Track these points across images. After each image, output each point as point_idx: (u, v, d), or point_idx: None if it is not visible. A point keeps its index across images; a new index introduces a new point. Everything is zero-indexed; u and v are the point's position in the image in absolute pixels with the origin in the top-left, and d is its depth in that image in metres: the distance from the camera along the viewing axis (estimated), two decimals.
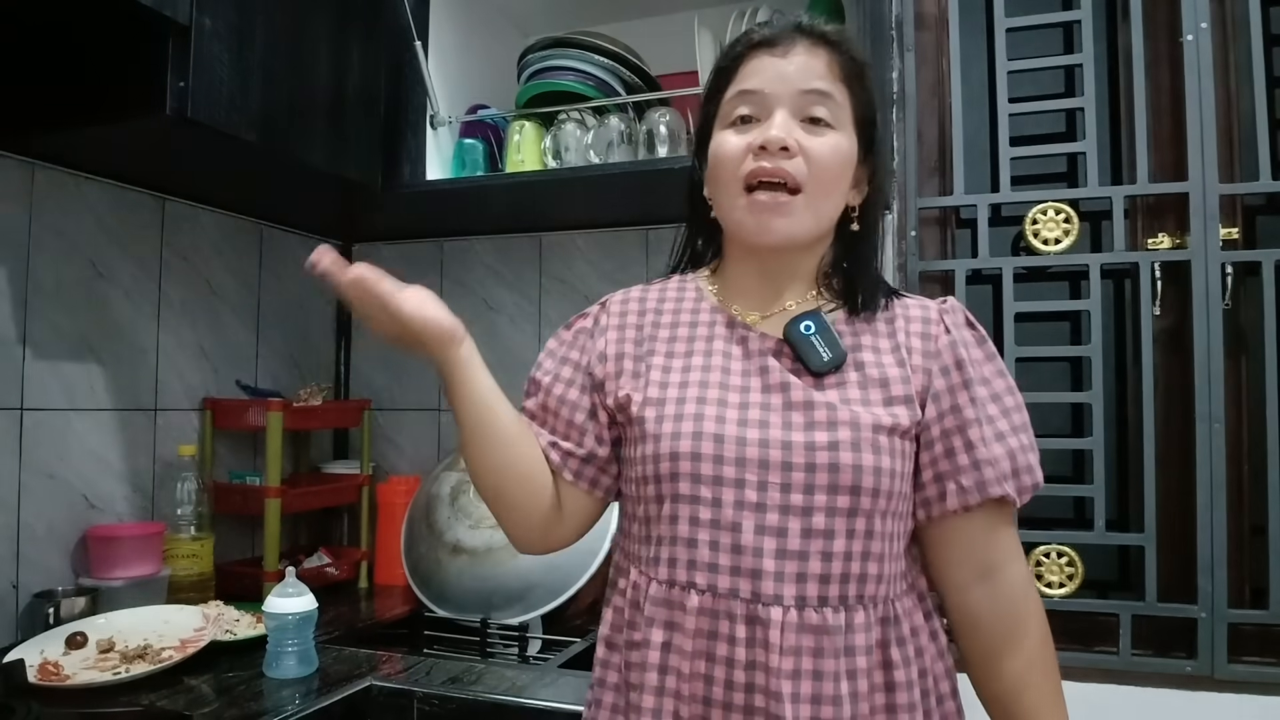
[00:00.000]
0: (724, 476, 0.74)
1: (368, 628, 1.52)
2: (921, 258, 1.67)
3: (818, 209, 0.79)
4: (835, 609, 0.73)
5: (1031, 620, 0.80)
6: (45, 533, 1.38)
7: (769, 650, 0.72)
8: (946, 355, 0.79)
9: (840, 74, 0.79)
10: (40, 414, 1.38)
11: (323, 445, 2.02)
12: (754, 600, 0.73)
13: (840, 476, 0.73)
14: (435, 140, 1.63)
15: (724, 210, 0.82)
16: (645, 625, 0.77)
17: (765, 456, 0.74)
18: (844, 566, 0.73)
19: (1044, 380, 1.60)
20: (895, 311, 0.83)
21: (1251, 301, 1.48)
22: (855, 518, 0.73)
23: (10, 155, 1.35)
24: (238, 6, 1.25)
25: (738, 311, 0.84)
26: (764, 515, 0.73)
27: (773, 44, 0.80)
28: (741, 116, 0.80)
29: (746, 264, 0.85)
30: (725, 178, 0.80)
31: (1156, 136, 1.56)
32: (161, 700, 1.09)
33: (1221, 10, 1.52)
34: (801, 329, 0.79)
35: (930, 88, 1.71)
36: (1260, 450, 1.45)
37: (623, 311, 0.88)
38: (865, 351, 0.80)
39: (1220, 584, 1.44)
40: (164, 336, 1.61)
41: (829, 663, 0.72)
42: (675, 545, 0.76)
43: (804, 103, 0.78)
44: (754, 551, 0.73)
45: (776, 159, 0.76)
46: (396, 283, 0.82)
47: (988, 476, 0.75)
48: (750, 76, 0.80)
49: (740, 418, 0.76)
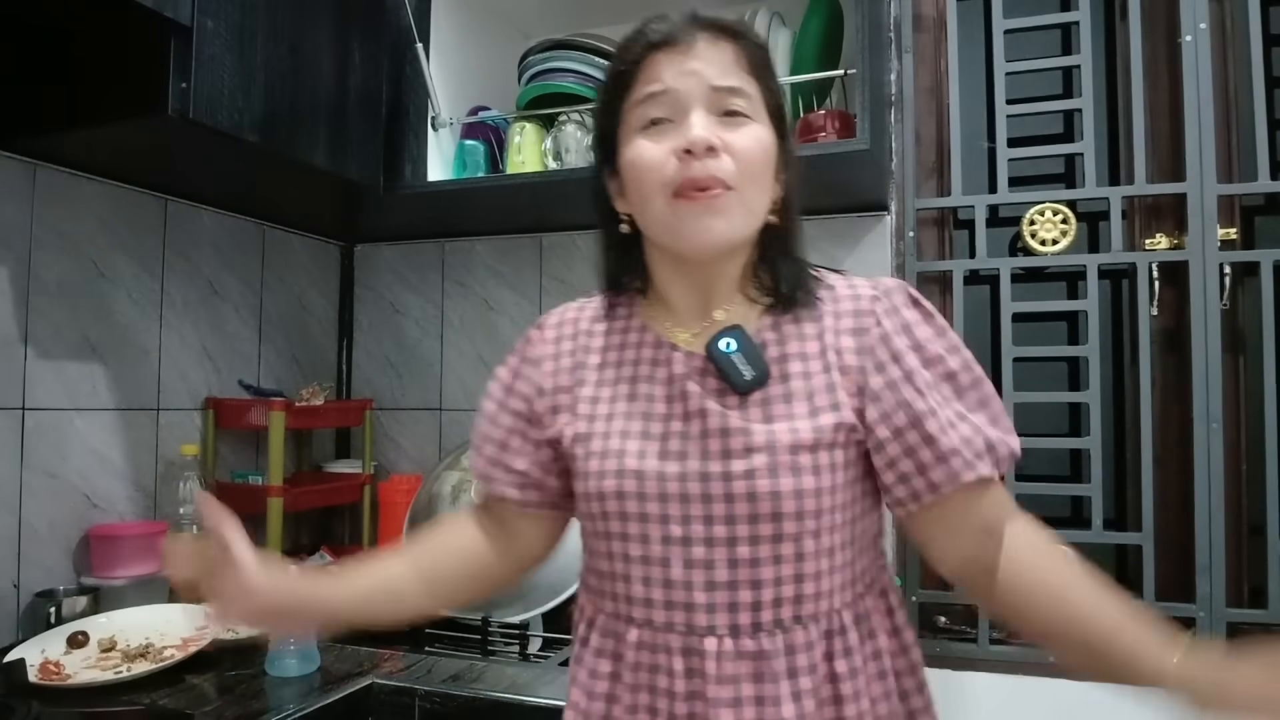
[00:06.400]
0: (648, 513, 0.74)
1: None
2: (919, 258, 1.67)
3: (752, 205, 0.76)
4: (771, 633, 0.72)
5: (1057, 546, 0.75)
6: (47, 532, 1.38)
7: (706, 680, 0.71)
8: (881, 350, 0.74)
9: (748, 66, 0.76)
10: (42, 414, 1.39)
11: (324, 444, 2.02)
12: (689, 632, 0.72)
13: (759, 505, 0.71)
14: (436, 141, 1.64)
15: (652, 222, 0.77)
16: (592, 656, 0.78)
17: (685, 490, 0.73)
18: (775, 592, 0.72)
19: (1042, 380, 1.61)
20: (825, 308, 0.78)
21: (1250, 302, 1.49)
22: (781, 543, 0.71)
23: (11, 155, 1.35)
24: (240, 7, 1.25)
25: (666, 330, 0.81)
26: (690, 549, 0.72)
27: (672, 42, 0.75)
28: (654, 120, 0.75)
29: (673, 277, 0.81)
30: (649, 187, 0.74)
31: (1154, 137, 1.56)
32: (163, 699, 1.09)
33: (1220, 11, 1.53)
34: (722, 347, 0.75)
35: (928, 89, 1.71)
36: (1258, 450, 1.45)
37: (557, 337, 0.86)
38: (792, 361, 0.76)
39: (1218, 584, 1.45)
40: (166, 336, 1.62)
41: (770, 688, 0.71)
42: (615, 580, 0.77)
43: (718, 99, 0.74)
44: (684, 585, 0.72)
45: (704, 162, 0.72)
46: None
47: (956, 466, 0.71)
48: (655, 78, 0.75)
49: (661, 450, 0.75)
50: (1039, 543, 0.75)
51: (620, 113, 0.78)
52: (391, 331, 2.04)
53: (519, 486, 0.84)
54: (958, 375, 0.75)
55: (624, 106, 0.77)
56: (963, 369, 0.75)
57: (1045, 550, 0.75)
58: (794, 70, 1.51)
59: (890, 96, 1.66)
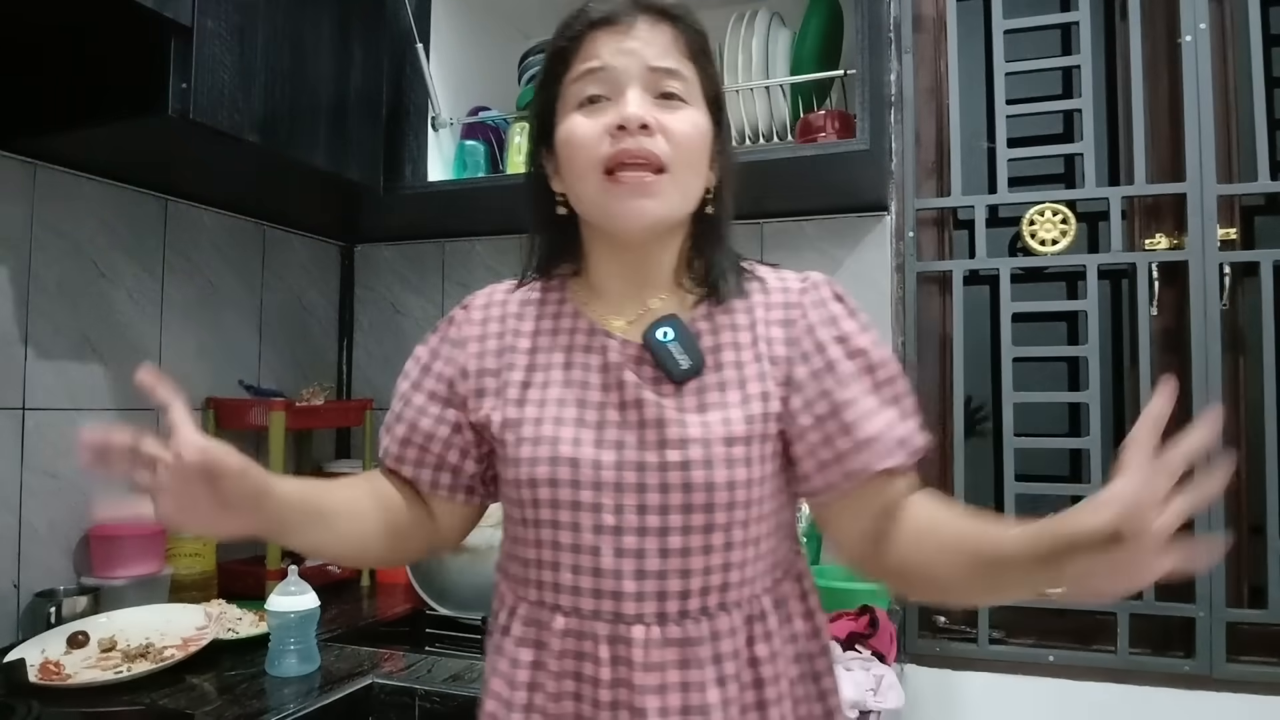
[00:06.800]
0: (581, 501, 0.73)
1: (369, 626, 1.52)
2: (919, 258, 1.67)
3: (685, 187, 0.76)
4: (697, 620, 0.73)
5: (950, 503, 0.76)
6: (47, 532, 1.38)
7: (633, 668, 0.72)
8: (806, 341, 0.76)
9: (686, 50, 0.77)
10: (42, 414, 1.39)
11: (325, 445, 2.02)
12: (616, 620, 0.73)
13: (693, 496, 0.72)
14: (437, 142, 1.64)
15: (584, 200, 0.77)
16: (514, 644, 0.77)
17: (620, 479, 0.73)
18: (704, 580, 0.73)
19: (1042, 380, 1.61)
20: (757, 298, 0.79)
21: (1249, 302, 1.49)
22: (712, 533, 0.72)
23: (12, 155, 1.35)
24: (240, 8, 1.25)
25: (600, 317, 0.81)
26: (621, 538, 0.73)
27: (613, 21, 0.75)
28: (590, 97, 0.75)
29: (608, 262, 0.81)
30: (582, 164, 0.75)
31: (1154, 137, 1.56)
32: (163, 699, 1.09)
33: (1220, 11, 1.53)
34: (659, 336, 0.76)
35: (928, 89, 1.71)
36: (1258, 450, 1.45)
37: (484, 319, 0.84)
38: (726, 350, 0.77)
39: (1218, 583, 1.45)
40: (166, 336, 1.62)
41: (695, 673, 0.72)
42: (541, 569, 0.76)
43: (655, 79, 0.75)
44: (614, 574, 0.73)
45: (638, 138, 0.72)
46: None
47: (868, 457, 0.73)
48: (593, 55, 0.75)
49: (597, 439, 0.74)
50: (922, 498, 0.76)
51: (558, 89, 0.78)
52: (392, 332, 2.04)
53: (432, 468, 0.83)
54: (877, 369, 0.76)
55: (562, 83, 0.77)
56: (882, 364, 0.76)
57: (925, 501, 0.76)
58: (794, 70, 1.51)
59: (890, 97, 1.66)
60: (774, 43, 1.54)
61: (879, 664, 1.18)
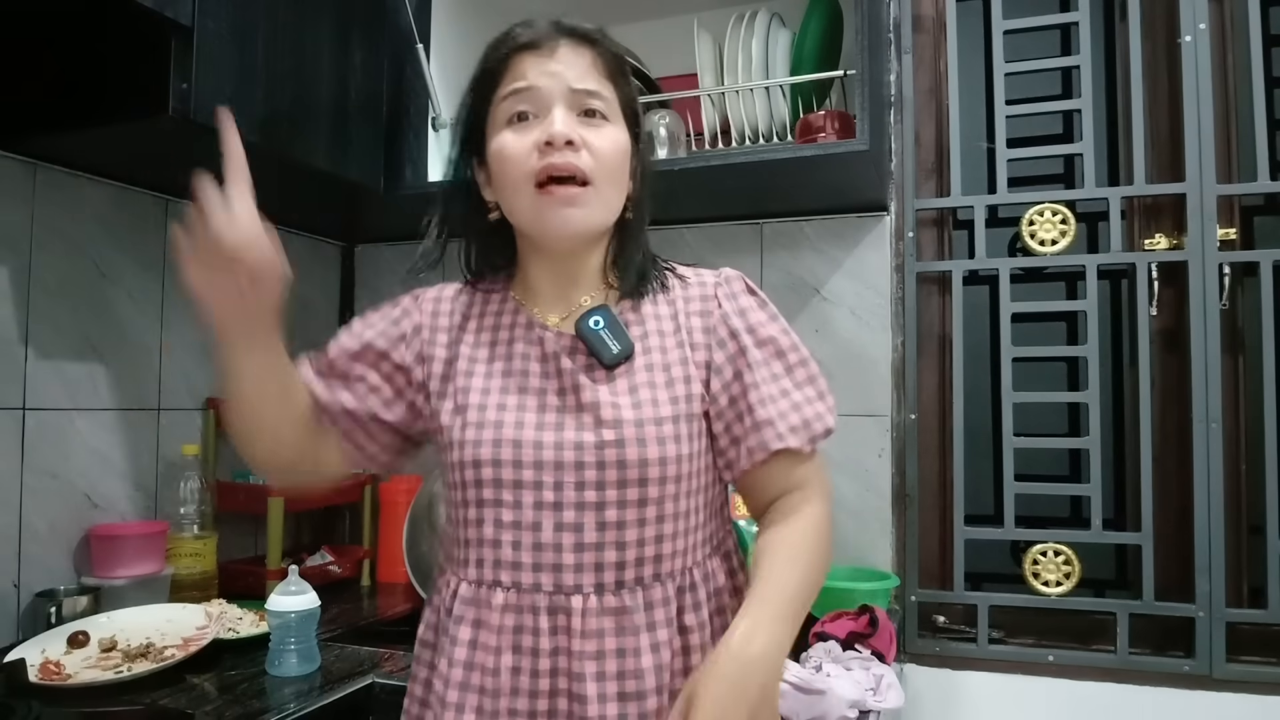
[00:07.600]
0: (523, 480, 0.79)
1: (370, 625, 1.52)
2: (919, 259, 1.67)
3: (607, 199, 0.83)
4: (632, 590, 0.79)
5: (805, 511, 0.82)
6: (47, 532, 1.39)
7: (571, 636, 0.78)
8: (722, 329, 0.84)
9: (605, 71, 0.84)
10: (43, 414, 1.39)
11: None
12: (556, 591, 0.78)
13: (628, 472, 0.78)
14: (437, 142, 1.64)
15: (517, 211, 0.84)
16: (454, 624, 0.81)
17: (560, 458, 0.79)
18: (638, 552, 0.79)
19: (1041, 380, 1.61)
20: (677, 293, 0.88)
21: (1249, 302, 1.49)
22: (646, 507, 0.79)
23: (12, 155, 1.35)
24: (240, 8, 1.25)
25: (537, 313, 0.87)
26: (561, 513, 0.78)
27: (537, 45, 0.82)
28: (519, 114, 0.82)
29: (540, 265, 0.88)
30: (514, 177, 0.81)
31: (1154, 137, 1.57)
32: (164, 699, 1.09)
33: (1220, 11, 1.53)
34: (590, 324, 0.83)
35: (928, 90, 1.72)
36: (1258, 450, 1.46)
37: (434, 311, 0.91)
38: (651, 337, 0.85)
39: (1218, 583, 1.45)
40: (167, 336, 1.62)
41: (630, 640, 0.78)
42: (482, 547, 0.81)
43: (577, 99, 0.82)
44: (554, 548, 0.78)
45: (564, 153, 0.79)
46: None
47: (769, 436, 0.80)
48: (520, 76, 0.82)
49: (538, 421, 0.81)
50: (787, 510, 0.83)
51: (487, 107, 0.85)
52: None
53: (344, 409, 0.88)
54: (786, 354, 0.84)
55: (491, 101, 0.84)
56: (791, 349, 0.85)
57: (783, 518, 0.82)
58: (794, 70, 1.51)
59: (890, 97, 1.66)
60: (774, 43, 1.54)
61: (879, 664, 1.18)
